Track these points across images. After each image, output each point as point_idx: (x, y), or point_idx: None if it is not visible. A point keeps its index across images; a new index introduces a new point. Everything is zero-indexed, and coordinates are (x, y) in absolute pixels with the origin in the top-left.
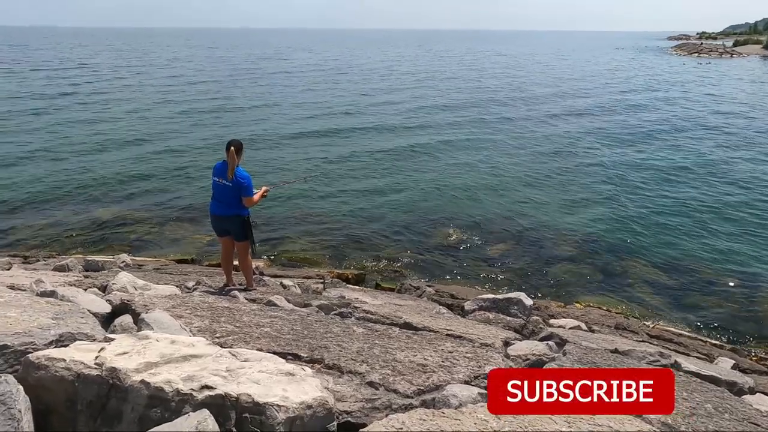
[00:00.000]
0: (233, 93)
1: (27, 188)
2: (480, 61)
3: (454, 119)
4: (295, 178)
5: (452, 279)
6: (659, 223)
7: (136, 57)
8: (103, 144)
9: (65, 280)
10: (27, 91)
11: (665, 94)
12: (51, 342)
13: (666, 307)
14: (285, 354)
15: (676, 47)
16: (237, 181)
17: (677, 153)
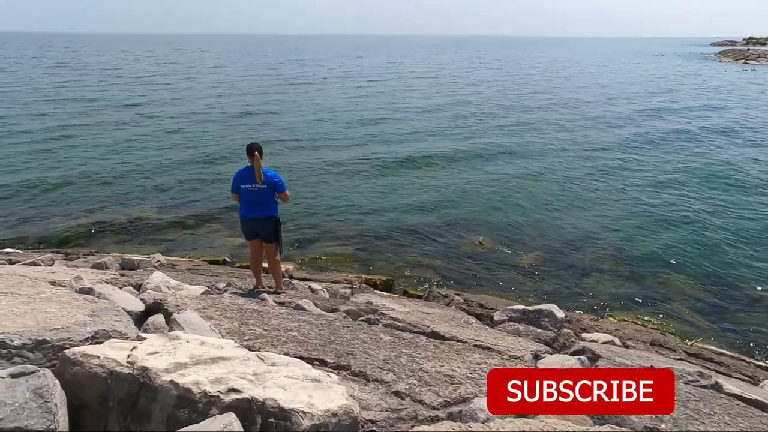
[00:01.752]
0: (267, 99)
1: (69, 189)
2: (515, 67)
3: (487, 126)
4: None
5: (482, 288)
6: (701, 234)
7: (165, 63)
8: (142, 148)
9: (102, 278)
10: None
11: (706, 102)
12: (87, 338)
13: (706, 325)
14: (312, 359)
15: (720, 53)
16: (271, 182)
17: (714, 162)
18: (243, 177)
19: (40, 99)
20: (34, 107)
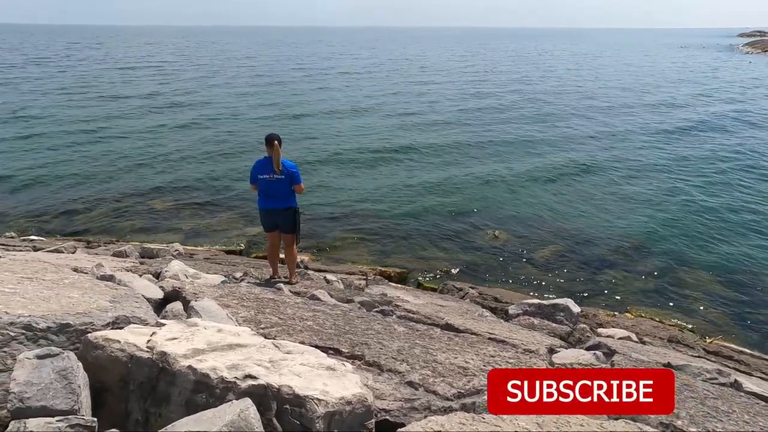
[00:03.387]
0: (293, 92)
1: (90, 179)
2: (537, 59)
3: (506, 118)
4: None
5: (496, 281)
6: (721, 231)
7: (186, 54)
8: (160, 139)
9: (123, 266)
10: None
11: (732, 95)
12: (108, 323)
13: (726, 322)
14: (326, 348)
15: (748, 44)
16: (289, 172)
17: (740, 154)
18: (261, 167)
19: (60, 90)
20: (51, 98)
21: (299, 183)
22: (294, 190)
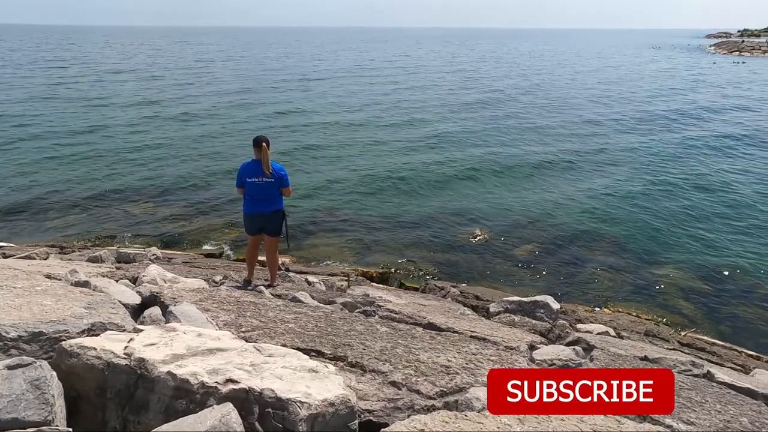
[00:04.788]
0: (273, 92)
1: (64, 183)
2: (515, 58)
3: (483, 117)
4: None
5: (477, 280)
6: (693, 227)
7: (166, 55)
8: (136, 141)
9: (98, 271)
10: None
11: (695, 96)
12: (83, 330)
13: (699, 315)
14: (309, 350)
15: (715, 45)
16: (278, 175)
17: (708, 151)
18: (249, 170)
19: (30, 95)
20: (26, 103)
21: (288, 186)
22: (282, 192)
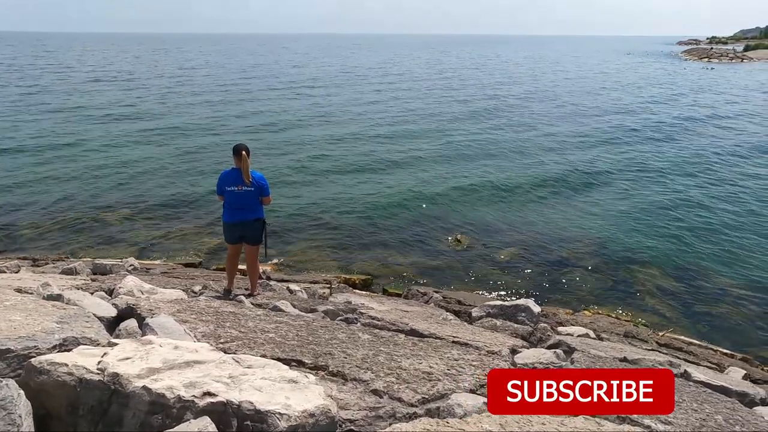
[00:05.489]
0: (251, 101)
1: (38, 192)
2: (492, 65)
3: (463, 126)
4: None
5: (460, 285)
6: (669, 229)
7: (148, 62)
8: (114, 150)
9: (72, 284)
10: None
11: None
12: (54, 346)
13: (676, 315)
14: (289, 360)
15: (685, 52)
16: (258, 184)
17: (686, 156)
18: (230, 179)
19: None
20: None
21: (268, 195)
22: (261, 201)
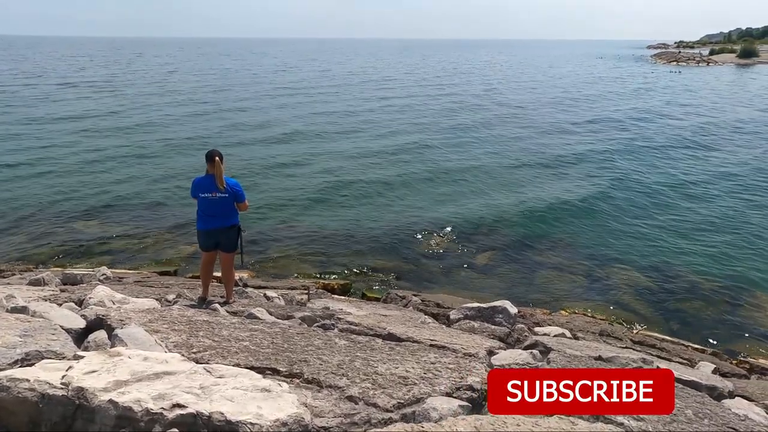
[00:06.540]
0: (225, 104)
1: (4, 200)
2: (469, 68)
3: (436, 126)
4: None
5: (438, 287)
6: (641, 228)
7: (122, 66)
8: (86, 156)
9: (40, 295)
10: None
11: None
12: (16, 361)
13: (649, 312)
14: (263, 369)
15: (655, 56)
16: (232, 190)
17: (651, 161)
18: (203, 186)
19: None
20: None
21: (243, 200)
22: (237, 207)
